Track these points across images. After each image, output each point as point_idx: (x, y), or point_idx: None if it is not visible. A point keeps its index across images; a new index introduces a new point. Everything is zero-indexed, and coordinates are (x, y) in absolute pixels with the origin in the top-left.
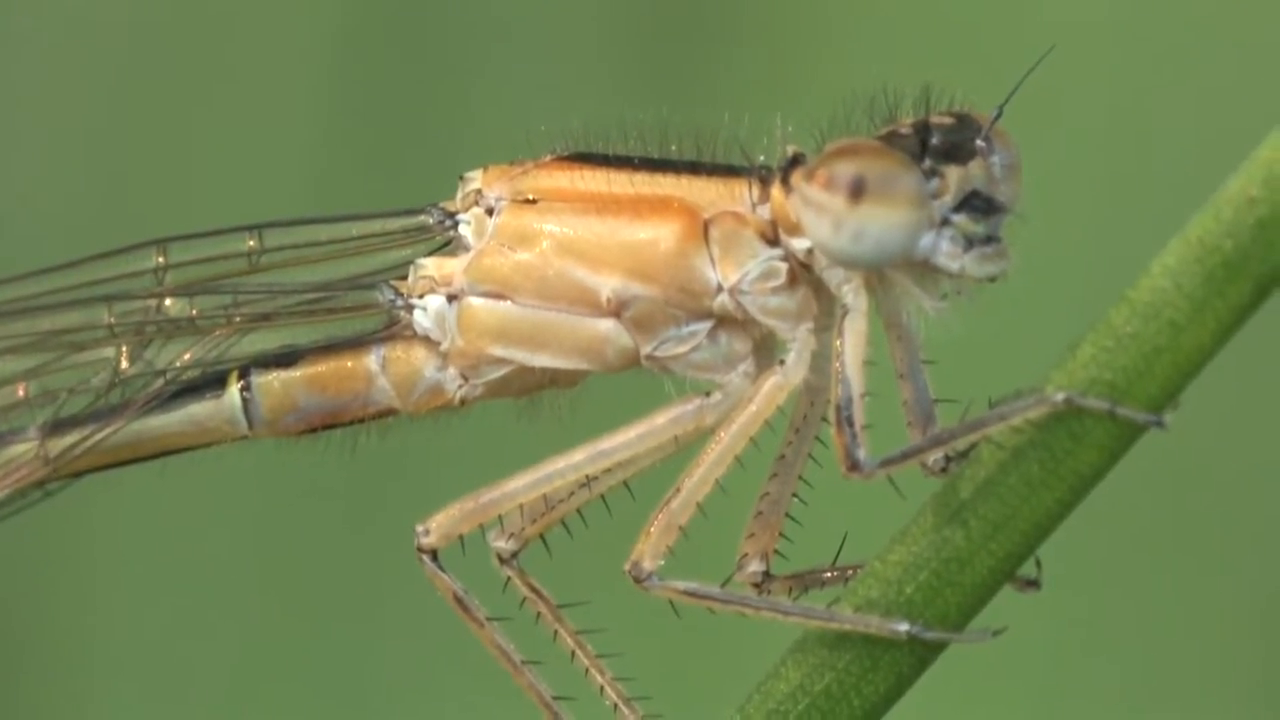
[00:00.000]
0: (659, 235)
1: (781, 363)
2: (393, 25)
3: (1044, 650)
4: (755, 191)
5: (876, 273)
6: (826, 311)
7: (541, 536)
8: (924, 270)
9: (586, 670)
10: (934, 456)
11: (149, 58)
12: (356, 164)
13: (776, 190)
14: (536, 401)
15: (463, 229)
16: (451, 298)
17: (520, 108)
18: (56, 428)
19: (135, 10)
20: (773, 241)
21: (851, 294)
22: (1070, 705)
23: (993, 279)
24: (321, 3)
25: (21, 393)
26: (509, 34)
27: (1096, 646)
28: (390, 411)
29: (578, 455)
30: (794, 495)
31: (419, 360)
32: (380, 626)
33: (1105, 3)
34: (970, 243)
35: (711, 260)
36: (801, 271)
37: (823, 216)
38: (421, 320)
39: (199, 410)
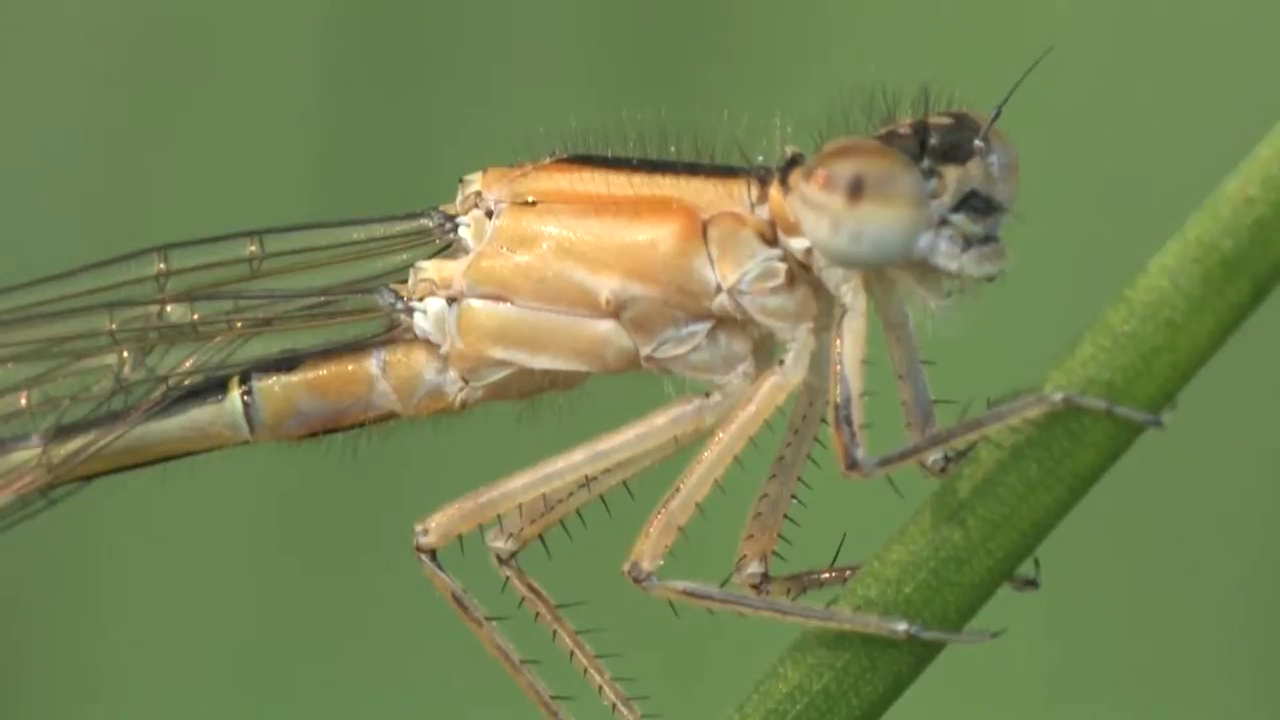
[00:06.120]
0: (658, 236)
1: (780, 363)
2: (390, 29)
3: (1042, 649)
4: (754, 192)
5: (875, 272)
6: (825, 312)
7: (540, 537)
8: (922, 270)
9: (585, 670)
10: (933, 456)
11: (146, 63)
12: (355, 168)
13: (775, 190)
14: (536, 403)
15: (462, 231)
16: (451, 300)
17: (519, 110)
18: (59, 434)
19: (133, 15)
20: (771, 242)
21: (850, 294)
22: (1068, 705)
23: (991, 279)
24: (320, 7)
25: (24, 400)
26: (507, 36)
27: (1094, 646)
28: (391, 415)
29: (577, 456)
30: (793, 496)
31: (419, 363)
32: (379, 626)
33: (1103, 2)
34: (968, 242)
35: (710, 261)
36: (800, 272)
37: (821, 216)
38: (422, 323)
39: (201, 415)
